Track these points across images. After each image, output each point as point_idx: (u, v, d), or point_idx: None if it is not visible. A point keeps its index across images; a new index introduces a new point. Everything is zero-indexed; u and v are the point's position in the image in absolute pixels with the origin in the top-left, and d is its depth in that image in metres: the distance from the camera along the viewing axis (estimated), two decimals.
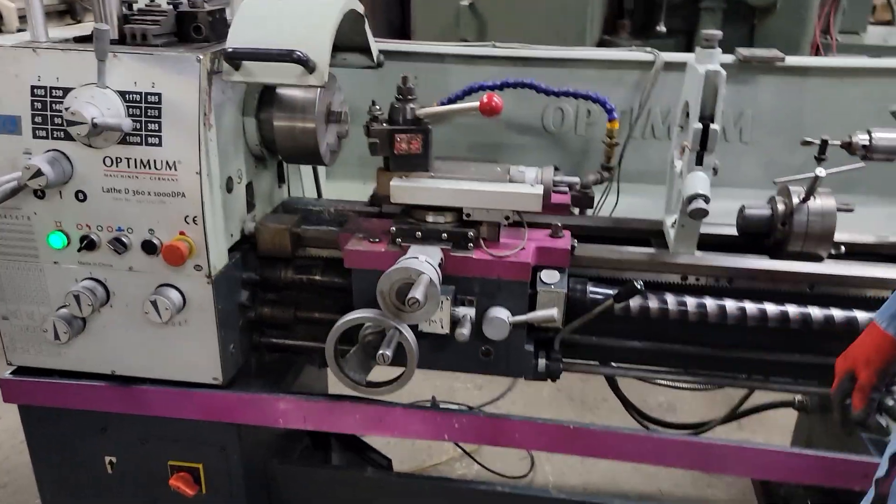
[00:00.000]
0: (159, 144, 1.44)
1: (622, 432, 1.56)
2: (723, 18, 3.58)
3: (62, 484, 1.79)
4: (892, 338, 1.24)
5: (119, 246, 1.49)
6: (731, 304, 1.53)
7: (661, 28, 3.57)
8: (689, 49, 3.59)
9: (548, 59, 2.09)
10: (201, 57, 1.41)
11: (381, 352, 1.37)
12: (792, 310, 1.53)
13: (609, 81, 2.08)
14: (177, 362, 1.61)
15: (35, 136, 1.46)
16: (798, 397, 2.13)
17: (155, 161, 1.45)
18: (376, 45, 1.76)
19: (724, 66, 1.49)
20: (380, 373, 1.52)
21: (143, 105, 1.43)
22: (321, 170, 2.07)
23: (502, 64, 2.12)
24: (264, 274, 1.70)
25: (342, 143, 1.75)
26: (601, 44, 3.72)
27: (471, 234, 1.49)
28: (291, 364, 1.82)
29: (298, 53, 1.39)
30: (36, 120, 1.45)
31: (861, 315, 1.50)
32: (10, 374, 1.69)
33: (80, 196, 1.49)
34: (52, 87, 1.44)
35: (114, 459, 1.75)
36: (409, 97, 1.51)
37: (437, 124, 1.54)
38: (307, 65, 1.40)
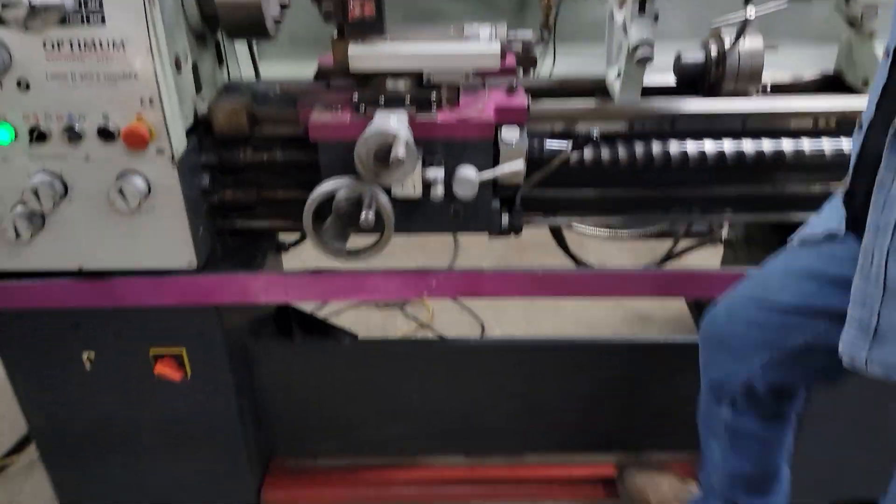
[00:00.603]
0: (102, 23, 1.37)
1: (584, 272, 1.70)
2: None
3: (41, 387, 1.79)
4: None
5: (73, 135, 1.45)
6: (673, 147, 1.66)
7: None
8: None
9: None
10: None
11: (363, 214, 1.42)
12: (727, 147, 1.68)
13: None
14: (147, 251, 1.61)
15: None
16: (724, 233, 2.35)
17: (100, 41, 1.38)
18: None
19: None
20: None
21: None
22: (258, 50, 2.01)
23: None
24: (223, 156, 1.68)
25: (284, 13, 1.71)
26: None
27: (433, 96, 1.52)
28: (257, 249, 1.84)
29: None
30: None
31: (787, 144, 1.67)
32: None
33: (23, 85, 1.41)
34: None
35: (91, 355, 1.75)
36: None
37: None
38: None
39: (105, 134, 1.45)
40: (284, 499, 2.07)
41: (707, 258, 2.94)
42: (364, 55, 1.49)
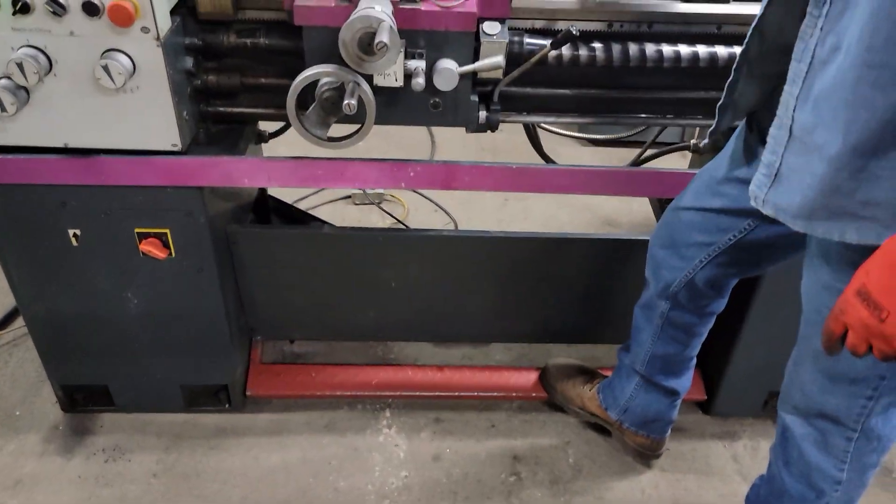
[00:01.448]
0: None
1: (556, 168, 1.78)
2: None
3: (28, 263, 1.85)
4: None
5: (58, 7, 1.44)
6: (650, 48, 1.71)
7: None
8: None
9: None
10: None
11: (346, 101, 1.46)
12: (701, 50, 1.73)
13: None
14: (133, 131, 1.64)
15: None
16: (693, 141, 2.43)
17: None
18: None
19: None
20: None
21: None
22: None
23: None
24: (206, 39, 1.69)
25: None
26: None
27: None
28: (239, 135, 1.88)
29: None
30: None
31: None
32: None
33: None
34: None
35: (77, 232, 1.81)
36: None
37: None
38: None
39: (90, 8, 1.45)
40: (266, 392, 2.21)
41: (676, 164, 3.04)
42: None
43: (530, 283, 2.11)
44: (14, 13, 1.45)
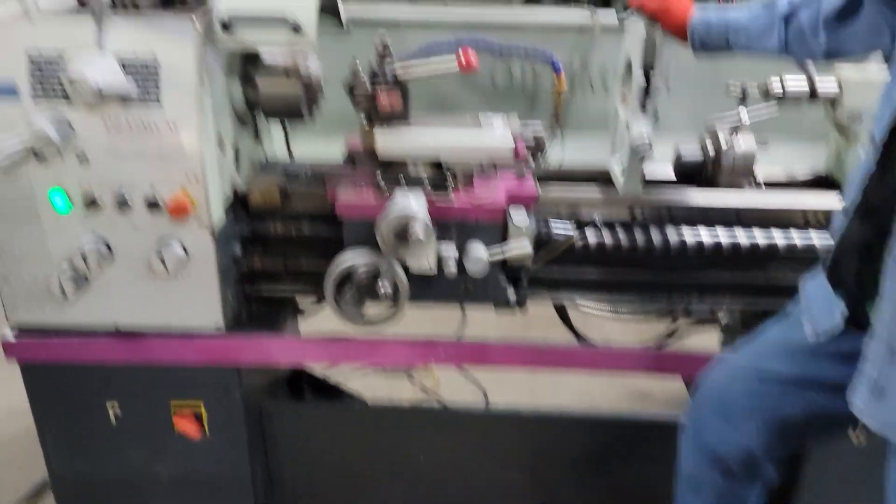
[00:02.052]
0: (159, 104, 1.54)
1: (585, 347, 1.81)
2: None
3: (65, 435, 1.89)
4: (685, 23, 1.62)
5: (122, 204, 1.59)
6: (672, 235, 1.79)
7: None
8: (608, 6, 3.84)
9: (497, 23, 2.27)
10: (195, 19, 1.52)
11: (381, 285, 1.54)
12: (723, 237, 1.80)
13: (552, 43, 2.28)
14: (179, 312, 1.73)
15: (34, 101, 1.53)
16: (722, 317, 2.45)
17: (155, 121, 1.55)
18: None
19: None
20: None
21: (140, 67, 1.52)
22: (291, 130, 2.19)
23: (454, 27, 2.28)
24: (255, 228, 1.82)
25: (319, 100, 1.88)
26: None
27: (450, 181, 1.67)
28: (279, 314, 1.96)
29: (291, 17, 1.52)
30: (34, 85, 1.52)
31: (780, 237, 1.79)
32: (12, 333, 1.76)
33: (82, 157, 1.57)
34: (49, 53, 1.51)
35: (117, 407, 1.85)
36: (388, 57, 1.66)
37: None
38: (298, 28, 1.53)
39: (152, 204, 1.60)
40: None
41: (706, 340, 3.03)
42: (390, 142, 1.65)
43: (562, 461, 2.06)
44: (85, 209, 1.60)
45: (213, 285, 1.70)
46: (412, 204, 1.54)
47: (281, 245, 1.88)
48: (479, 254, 1.67)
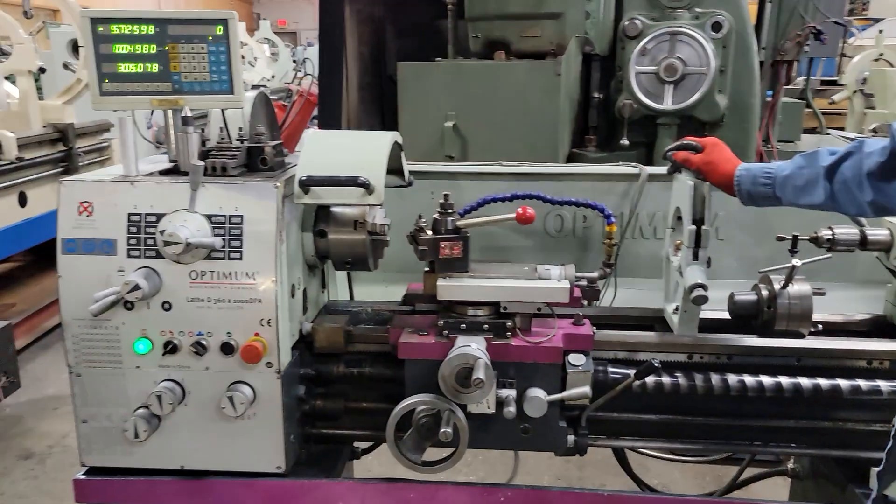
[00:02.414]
0: (240, 258, 1.67)
1: (650, 497, 1.76)
2: (677, 132, 4.04)
3: None
4: (732, 176, 1.72)
5: (200, 349, 1.69)
6: (732, 379, 1.78)
7: (625, 142, 3.98)
8: (650, 159, 4.04)
9: (547, 173, 2.42)
10: (278, 185, 1.68)
11: (442, 430, 1.57)
12: (784, 381, 1.79)
13: (600, 191, 2.41)
14: (242, 453, 1.77)
15: (129, 256, 1.68)
16: (790, 464, 2.36)
17: (236, 272, 1.67)
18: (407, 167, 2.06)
19: None
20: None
21: (227, 226, 1.67)
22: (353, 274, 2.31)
23: (507, 179, 2.44)
24: (318, 369, 1.89)
25: (383, 250, 2.00)
26: (571, 157, 4.13)
27: (508, 324, 1.73)
28: (337, 454, 1.98)
29: (363, 179, 1.66)
30: (130, 242, 1.68)
31: (843, 382, 1.77)
32: (83, 474, 1.81)
33: (166, 306, 1.69)
34: (146, 214, 1.68)
35: None
36: (450, 210, 1.78)
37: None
38: (368, 188, 1.67)
39: (227, 349, 1.69)
40: None
41: (773, 489, 2.89)
42: (451, 287, 1.74)
43: None
44: (164, 354, 1.70)
45: (277, 426, 1.75)
46: (473, 348, 1.59)
47: (343, 385, 1.94)
48: (537, 395, 1.69)
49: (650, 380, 1.81)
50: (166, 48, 1.72)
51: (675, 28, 3.59)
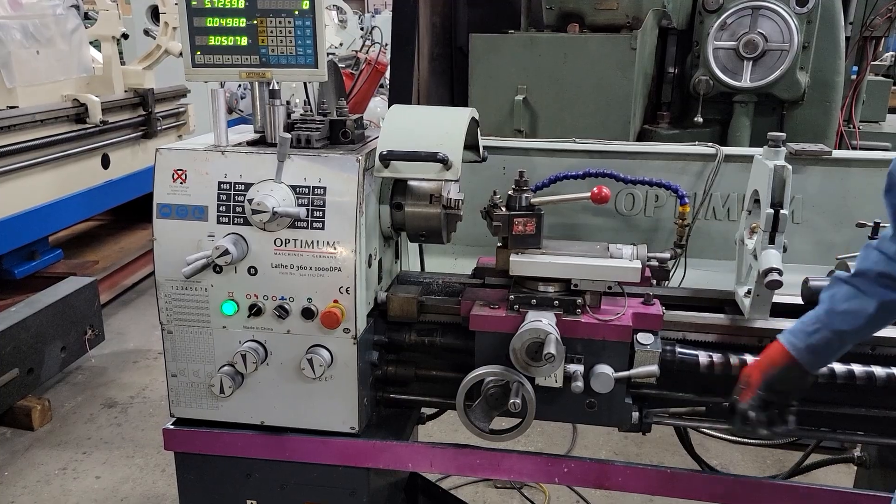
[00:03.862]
0: (322, 228, 1.75)
1: (715, 476, 1.78)
2: (754, 110, 3.92)
3: None
4: (783, 347, 1.56)
5: (283, 312, 1.78)
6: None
7: (699, 119, 3.90)
8: (724, 137, 3.94)
9: (620, 151, 2.42)
10: (360, 158, 1.74)
11: (512, 401, 1.62)
12: (857, 369, 1.77)
13: (674, 170, 2.39)
14: (318, 413, 1.87)
15: (218, 222, 1.77)
16: (857, 452, 2.33)
17: (318, 241, 1.75)
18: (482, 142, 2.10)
19: None
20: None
21: (310, 196, 1.74)
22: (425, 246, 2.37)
23: (580, 156, 2.44)
24: (391, 336, 1.97)
25: (456, 224, 2.05)
26: (642, 134, 4.07)
27: (578, 301, 1.76)
28: (405, 419, 2.07)
29: (442, 155, 1.71)
30: (220, 209, 1.77)
31: None
32: (172, 424, 1.95)
33: (252, 271, 1.79)
34: (235, 183, 1.76)
35: (255, 503, 1.98)
36: (524, 187, 1.81)
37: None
38: (446, 163, 1.72)
39: (307, 314, 1.77)
40: None
41: (837, 476, 2.86)
42: (523, 263, 1.77)
43: None
44: (249, 316, 1.80)
45: (351, 389, 1.83)
46: (544, 323, 1.63)
47: (413, 353, 2.01)
48: (605, 371, 1.73)
49: (718, 360, 1.81)
50: (255, 22, 1.79)
51: (757, 2, 3.48)
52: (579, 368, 1.74)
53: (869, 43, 4.36)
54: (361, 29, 11.84)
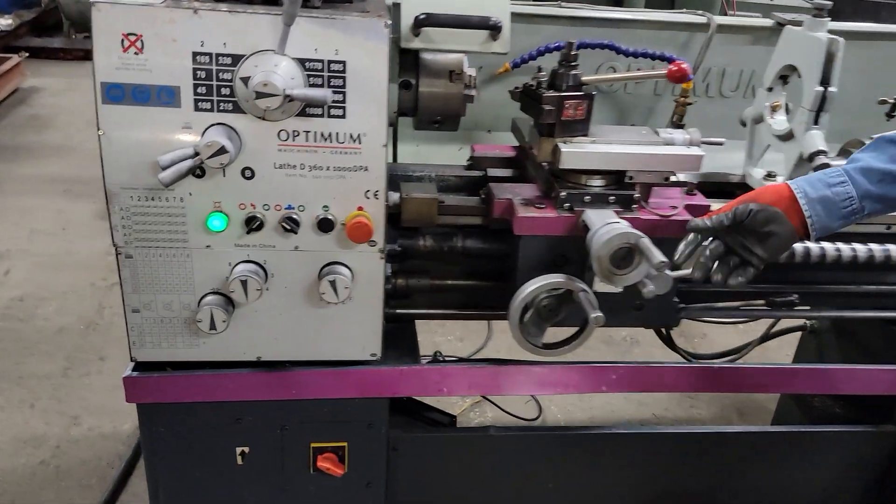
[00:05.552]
0: (343, 116, 1.35)
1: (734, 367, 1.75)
2: None
3: (181, 482, 1.67)
4: (788, 188, 1.38)
5: (292, 225, 1.39)
6: (842, 247, 1.74)
7: None
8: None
9: (607, 18, 2.17)
10: (389, 22, 1.33)
11: (594, 315, 1.42)
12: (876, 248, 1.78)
13: (658, 41, 2.20)
14: (332, 341, 1.55)
15: (197, 109, 1.31)
16: (809, 322, 2.46)
17: (337, 134, 1.36)
18: None
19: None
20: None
21: (324, 74, 1.32)
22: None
23: (562, 24, 2.16)
24: (403, 244, 1.66)
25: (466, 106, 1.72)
26: None
27: (636, 195, 1.56)
28: (411, 334, 1.80)
29: (495, 20, 1.36)
30: (198, 90, 1.30)
31: None
32: (133, 370, 1.53)
33: (247, 173, 1.36)
34: (217, 54, 1.29)
35: (246, 450, 1.65)
36: (573, 63, 1.52)
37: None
38: (498, 32, 1.38)
39: (325, 225, 1.41)
40: None
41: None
42: (576, 154, 1.52)
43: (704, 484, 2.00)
44: (249, 231, 1.39)
45: (376, 311, 1.53)
46: (626, 225, 1.41)
47: (425, 261, 1.72)
48: (666, 272, 1.57)
49: None
50: None
51: None
52: (645, 270, 1.56)
53: None
54: None
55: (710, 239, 1.46)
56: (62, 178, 5.10)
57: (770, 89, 1.84)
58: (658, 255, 1.34)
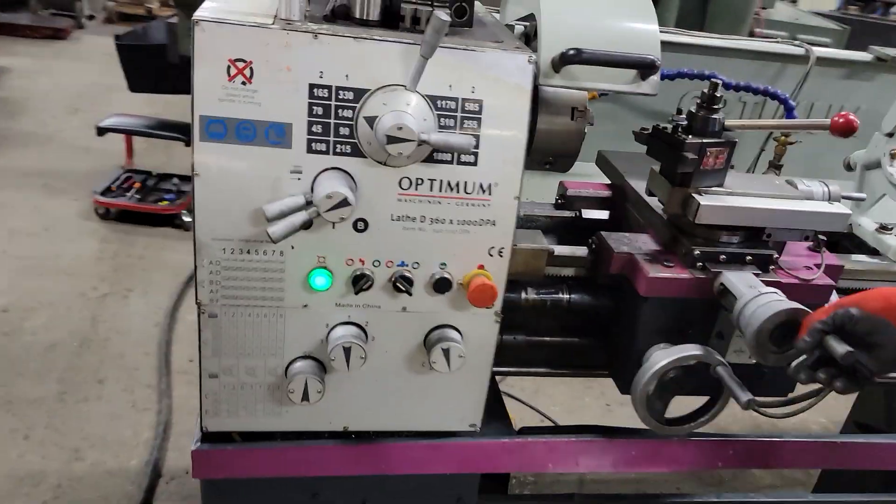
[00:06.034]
0: (474, 164, 1.16)
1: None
2: None
3: None
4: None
5: (405, 285, 1.20)
6: None
7: None
8: None
9: (690, 45, 2.00)
10: (534, 57, 1.15)
11: (746, 399, 1.25)
12: None
13: (747, 72, 2.04)
14: (430, 411, 1.36)
15: (310, 151, 1.11)
16: None
17: (466, 183, 1.17)
18: None
19: None
20: None
21: (457, 114, 1.14)
22: None
23: None
24: (505, 298, 1.47)
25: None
26: None
27: (775, 255, 1.40)
28: (496, 393, 1.62)
29: (651, 58, 1.18)
30: (313, 129, 1.10)
31: None
32: (200, 441, 1.32)
33: (360, 225, 1.17)
34: (338, 88, 1.09)
35: None
36: (716, 106, 1.35)
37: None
38: (654, 71, 1.20)
39: (441, 286, 1.22)
40: None
41: None
42: (715, 209, 1.35)
43: None
44: (357, 291, 1.19)
45: (482, 378, 1.35)
46: (784, 299, 1.25)
47: (522, 316, 1.54)
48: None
49: None
50: None
51: None
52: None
53: None
54: None
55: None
56: (39, 170, 4.79)
57: (891, 135, 1.70)
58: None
